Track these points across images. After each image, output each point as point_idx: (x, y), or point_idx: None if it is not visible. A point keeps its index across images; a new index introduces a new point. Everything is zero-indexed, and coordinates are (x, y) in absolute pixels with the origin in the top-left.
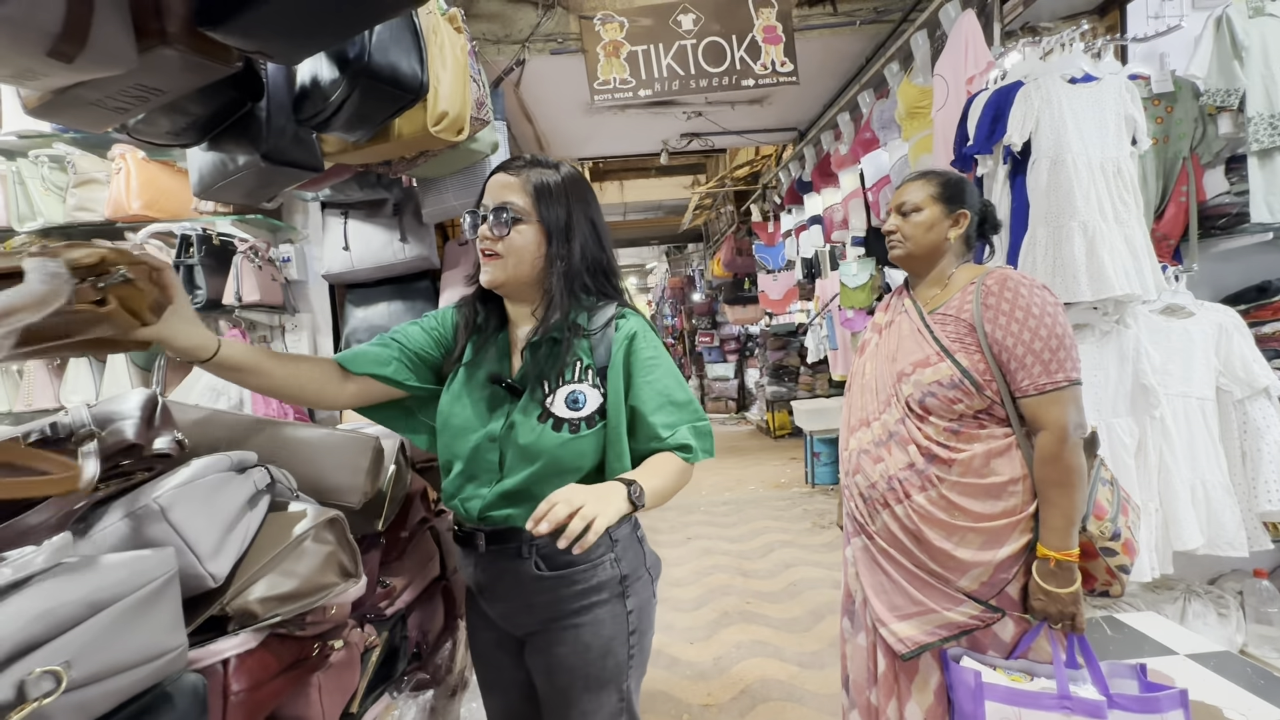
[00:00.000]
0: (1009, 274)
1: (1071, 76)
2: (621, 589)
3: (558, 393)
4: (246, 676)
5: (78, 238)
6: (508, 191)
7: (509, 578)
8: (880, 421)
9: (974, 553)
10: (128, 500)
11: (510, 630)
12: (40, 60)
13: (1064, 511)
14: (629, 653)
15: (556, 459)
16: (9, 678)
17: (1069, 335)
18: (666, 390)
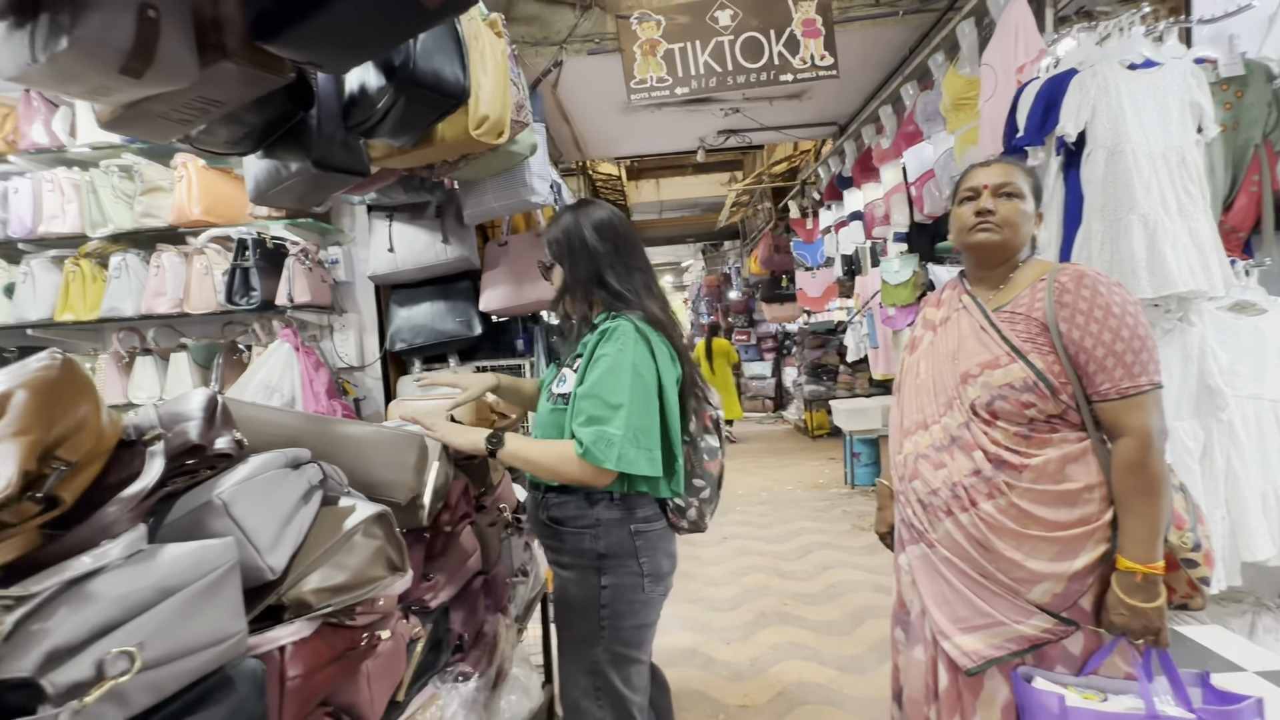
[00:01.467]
0: (1084, 270)
1: (1131, 62)
2: (598, 564)
3: (561, 374)
4: (301, 663)
5: (144, 242)
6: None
7: (534, 517)
8: (940, 425)
9: (1047, 564)
10: (192, 496)
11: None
12: (113, 77)
13: (1149, 522)
14: (599, 623)
15: (545, 424)
16: (89, 657)
17: (1150, 336)
18: (603, 387)
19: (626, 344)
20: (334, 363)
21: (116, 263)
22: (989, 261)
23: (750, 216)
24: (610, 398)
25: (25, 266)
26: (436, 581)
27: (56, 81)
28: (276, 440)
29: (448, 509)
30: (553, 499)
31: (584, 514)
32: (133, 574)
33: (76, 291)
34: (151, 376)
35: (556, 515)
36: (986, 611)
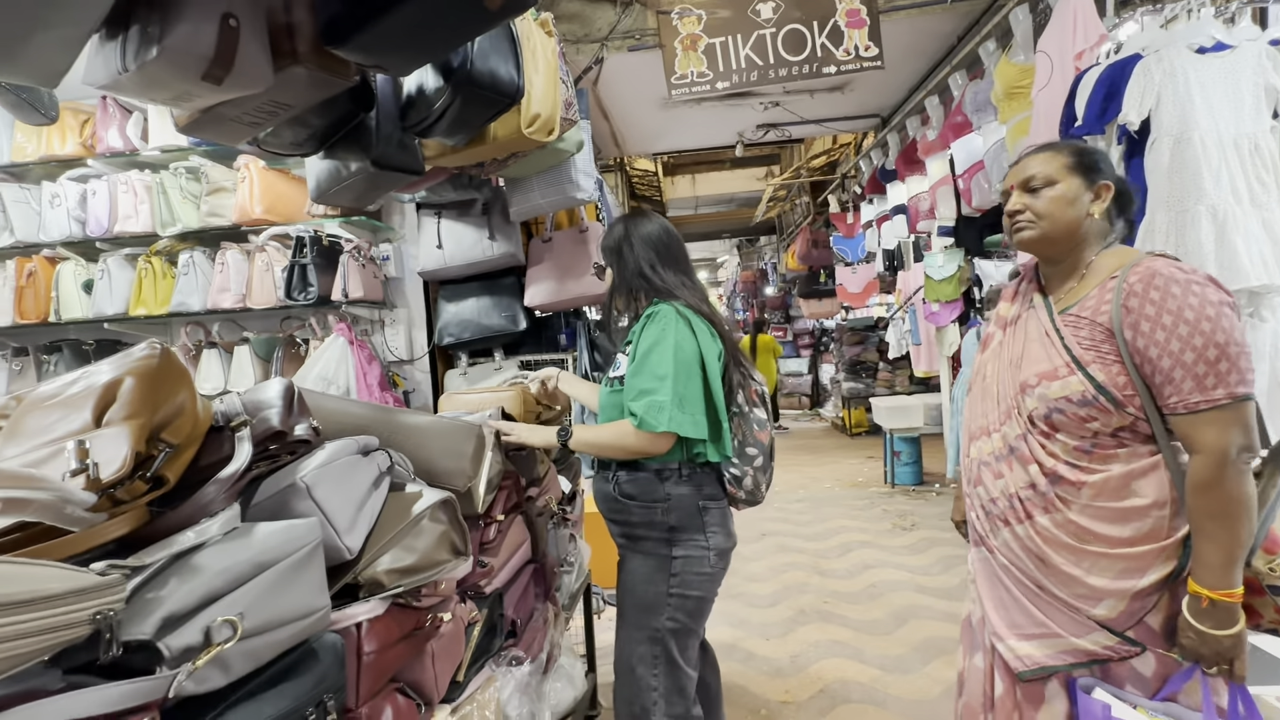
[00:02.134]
0: (1157, 268)
1: (1200, 46)
2: (669, 536)
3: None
4: (376, 639)
5: (210, 240)
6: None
7: (600, 494)
8: (1000, 434)
9: (1109, 581)
10: (276, 478)
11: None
12: (195, 83)
13: (1222, 546)
14: (668, 590)
15: (605, 406)
16: (198, 623)
17: (1234, 342)
18: (653, 363)
19: (668, 324)
20: (384, 356)
21: (184, 260)
22: (1046, 257)
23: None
24: (656, 370)
25: (102, 265)
26: (490, 568)
27: (143, 89)
28: (345, 428)
29: (500, 499)
30: (624, 476)
31: (655, 489)
32: (232, 549)
33: (148, 288)
34: (216, 369)
35: (629, 491)
36: (1043, 621)
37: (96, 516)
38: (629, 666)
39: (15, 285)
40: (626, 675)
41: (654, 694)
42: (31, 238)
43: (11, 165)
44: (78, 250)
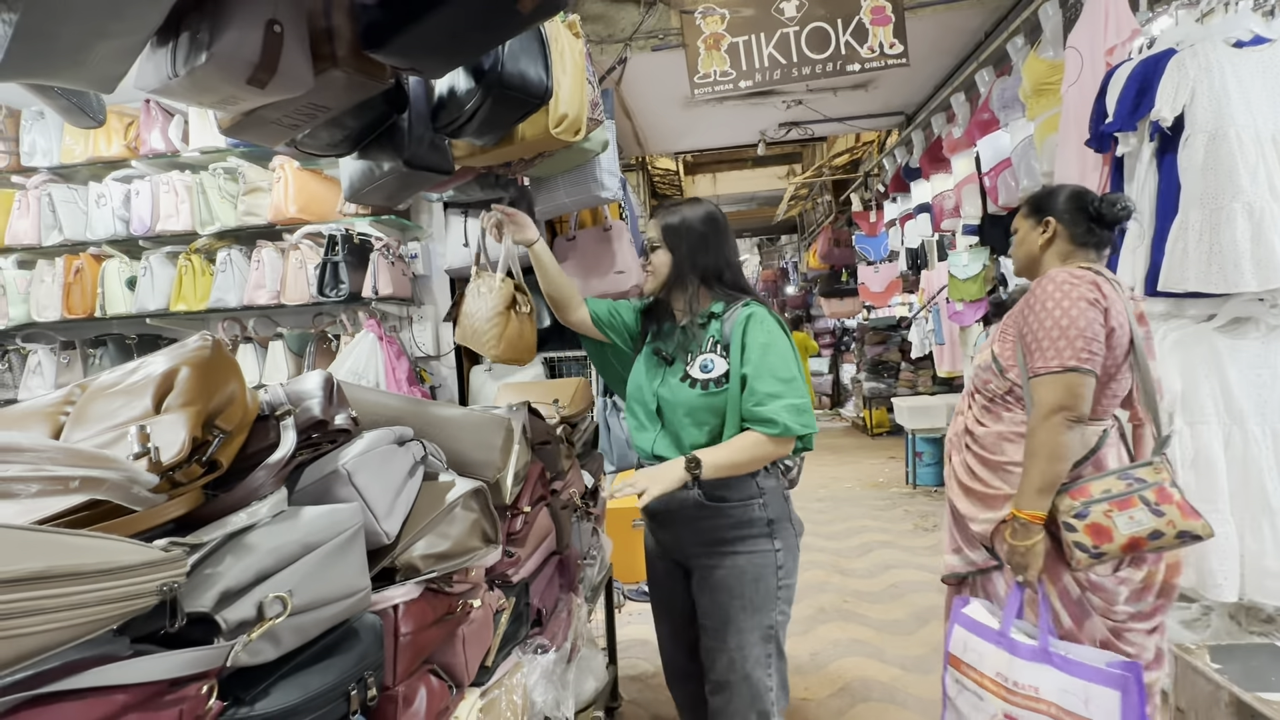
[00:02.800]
0: (1053, 274)
1: (1237, 40)
2: (769, 529)
3: (696, 360)
4: (411, 621)
5: (246, 239)
6: (649, 230)
7: (675, 504)
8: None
9: (980, 510)
10: (318, 465)
11: (679, 559)
12: (241, 87)
13: (1032, 479)
14: (777, 584)
15: (695, 409)
16: (252, 599)
17: (1075, 327)
18: (776, 366)
19: (773, 327)
20: (412, 352)
21: (222, 258)
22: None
23: (809, 210)
24: (782, 374)
25: (145, 262)
26: (517, 557)
27: (192, 93)
28: (380, 420)
29: (526, 491)
30: (713, 480)
31: (748, 485)
32: (281, 530)
33: (188, 284)
34: (252, 363)
35: (720, 493)
36: (957, 538)
37: (157, 497)
38: (744, 674)
39: (64, 282)
40: (742, 684)
41: (771, 694)
42: (79, 236)
43: (61, 166)
44: (122, 248)
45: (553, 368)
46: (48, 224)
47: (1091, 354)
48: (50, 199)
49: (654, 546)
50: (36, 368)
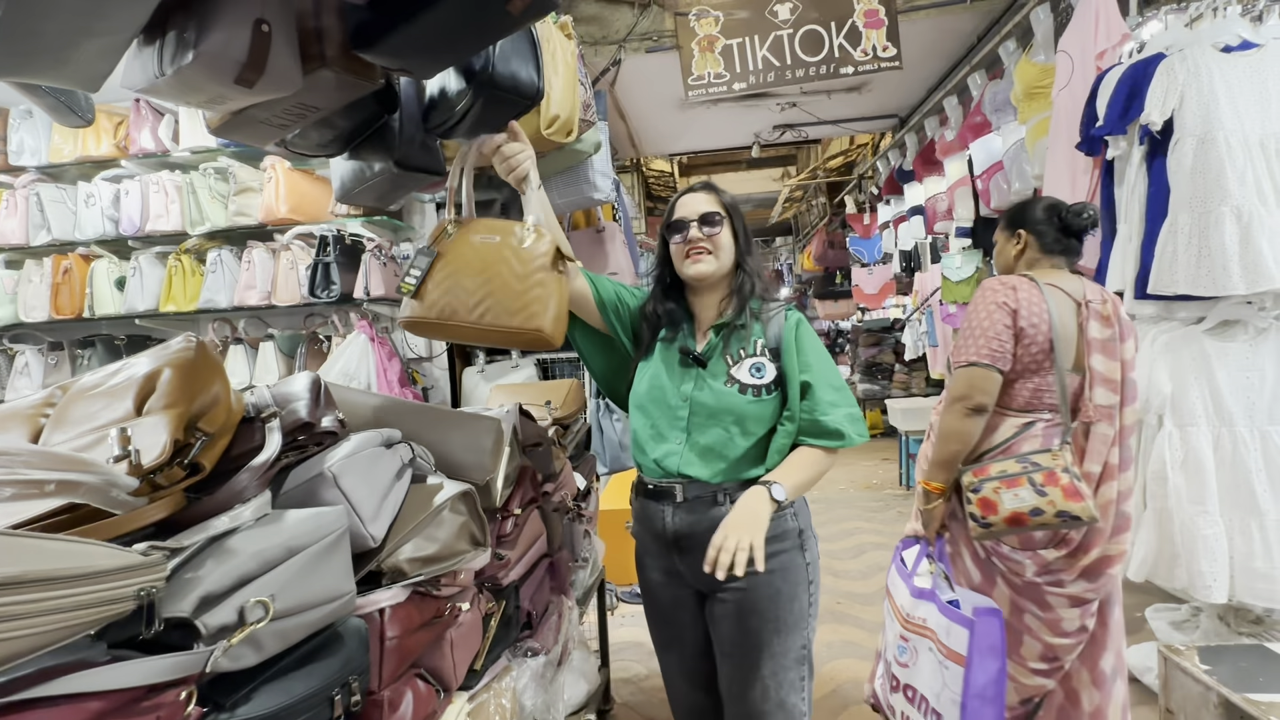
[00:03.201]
0: (988, 280)
1: (1225, 45)
2: (800, 541)
3: (743, 363)
4: (398, 625)
5: (237, 239)
6: (706, 204)
7: (707, 524)
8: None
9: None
10: (304, 468)
11: (697, 585)
12: (229, 87)
13: (936, 453)
14: (809, 600)
15: (746, 417)
16: (233, 603)
17: (982, 328)
18: (831, 374)
19: (814, 332)
20: (404, 353)
21: (212, 258)
22: None
23: (803, 212)
24: (835, 381)
25: (134, 262)
26: (507, 560)
27: (179, 93)
28: (369, 422)
29: (517, 493)
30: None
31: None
32: (264, 534)
33: (178, 285)
34: (242, 364)
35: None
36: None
37: (138, 500)
38: (779, 701)
39: (52, 282)
40: (777, 712)
41: (805, 717)
42: (67, 236)
43: (49, 166)
44: (111, 248)
45: (545, 369)
46: (36, 224)
47: (993, 351)
48: (38, 198)
49: (660, 576)
50: (24, 369)
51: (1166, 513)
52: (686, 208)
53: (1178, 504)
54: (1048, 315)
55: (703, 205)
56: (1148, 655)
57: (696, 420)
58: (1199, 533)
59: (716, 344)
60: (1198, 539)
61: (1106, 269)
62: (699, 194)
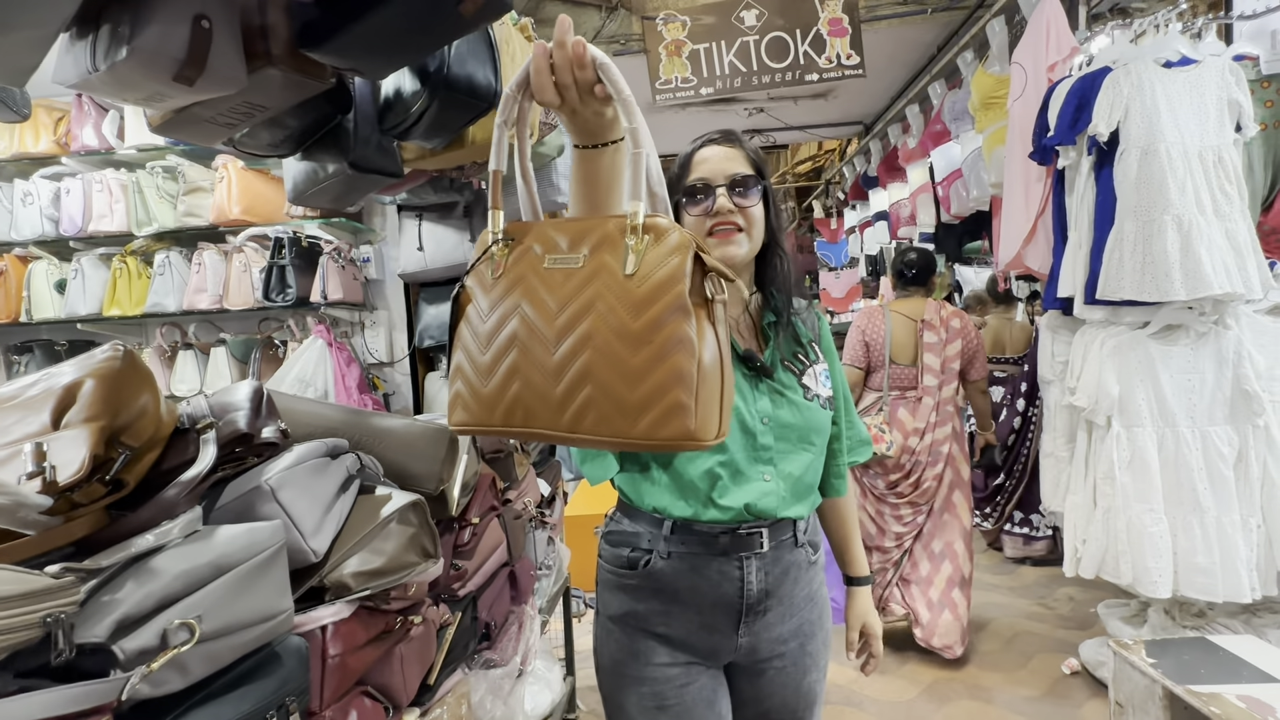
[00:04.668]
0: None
1: (1166, 60)
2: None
3: (813, 370)
4: (341, 642)
5: (187, 241)
6: (734, 163)
7: (791, 575)
8: None
9: None
10: (241, 481)
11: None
12: (167, 84)
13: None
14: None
15: (814, 429)
16: (154, 626)
17: (851, 342)
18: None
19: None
20: (365, 359)
21: (160, 260)
22: None
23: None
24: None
25: (76, 264)
26: (464, 571)
27: (114, 89)
28: (316, 431)
29: (475, 502)
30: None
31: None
32: (191, 552)
33: (123, 288)
34: (192, 370)
35: (814, 539)
36: None
37: (53, 520)
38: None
39: None
40: None
41: None
42: (3, 236)
43: None
44: (50, 249)
45: None
46: None
47: (855, 355)
48: None
49: (687, 658)
50: None
51: (1115, 511)
52: (709, 166)
53: (1125, 503)
54: (883, 334)
55: (733, 164)
56: (1099, 650)
57: (782, 447)
58: (1145, 530)
59: (781, 346)
60: (1144, 536)
61: (1058, 276)
62: (725, 147)
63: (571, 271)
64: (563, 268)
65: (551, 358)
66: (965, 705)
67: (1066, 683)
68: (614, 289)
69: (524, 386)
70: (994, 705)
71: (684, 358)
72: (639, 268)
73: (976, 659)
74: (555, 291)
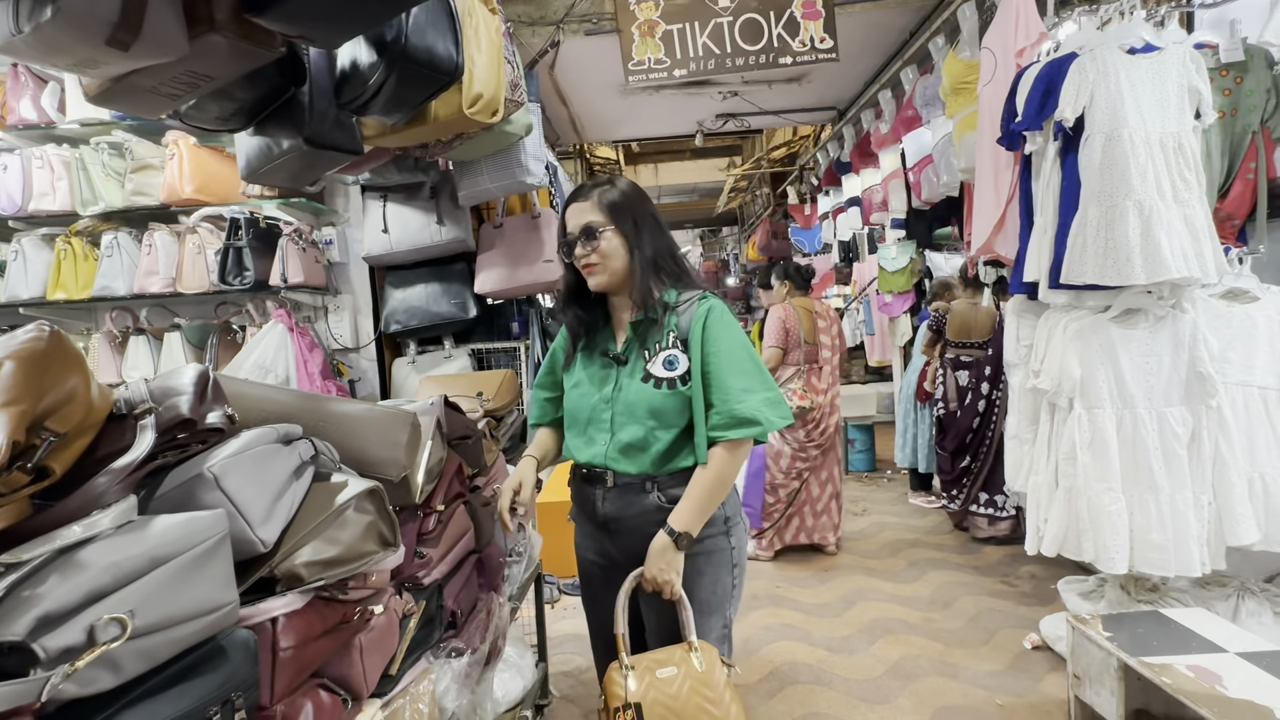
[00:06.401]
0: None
1: (1131, 47)
2: (726, 527)
3: (657, 357)
4: (293, 634)
5: (136, 220)
6: (587, 213)
7: (635, 509)
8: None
9: None
10: (183, 469)
11: (627, 566)
12: (100, 49)
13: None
14: (732, 583)
15: (661, 410)
16: (80, 622)
17: (773, 329)
18: (742, 361)
19: (731, 319)
20: (329, 344)
21: (108, 241)
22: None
23: (749, 202)
24: (748, 368)
25: (16, 245)
26: (429, 559)
27: (42, 53)
28: (269, 417)
29: (441, 488)
30: (668, 481)
31: None
32: (123, 543)
33: (68, 270)
34: (145, 356)
35: (673, 492)
36: None
37: None
38: None
39: None
40: None
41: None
42: None
43: None
44: None
45: (480, 359)
46: None
47: (778, 339)
48: None
49: (594, 555)
50: None
51: (1075, 491)
52: (570, 221)
53: (1085, 482)
54: (797, 321)
55: (584, 215)
56: (1058, 625)
57: (619, 420)
58: (1104, 509)
59: (633, 341)
60: (1103, 514)
61: (1024, 260)
62: (581, 202)
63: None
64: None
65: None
66: (931, 681)
67: (1028, 657)
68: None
69: None
70: (958, 680)
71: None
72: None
73: (942, 636)
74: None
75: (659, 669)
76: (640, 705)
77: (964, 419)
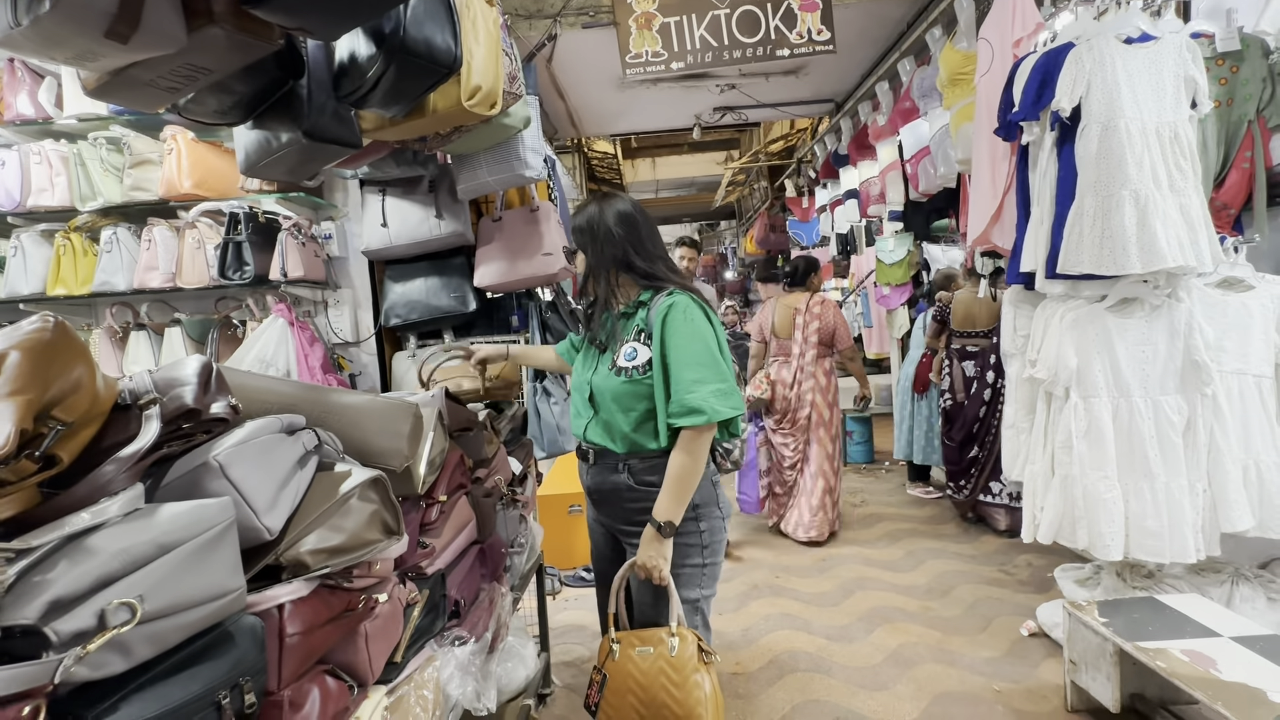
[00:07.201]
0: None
1: (1127, 36)
2: (694, 514)
3: (621, 349)
4: (299, 621)
5: (135, 216)
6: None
7: (609, 485)
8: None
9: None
10: (189, 458)
11: (611, 529)
12: (98, 42)
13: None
14: (702, 562)
15: (621, 396)
16: (91, 607)
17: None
18: (696, 353)
19: (693, 314)
20: (329, 338)
21: (107, 237)
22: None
23: (746, 196)
24: (702, 358)
25: (15, 241)
26: (432, 549)
27: (40, 46)
28: (272, 408)
29: (443, 479)
30: (638, 464)
31: None
32: (131, 530)
33: (68, 266)
34: (146, 351)
35: (649, 478)
36: None
37: None
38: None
39: None
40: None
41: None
42: None
43: None
44: None
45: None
46: None
47: (754, 333)
48: None
49: (592, 518)
50: None
51: (1071, 479)
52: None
53: (1081, 471)
54: (772, 319)
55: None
56: (1055, 612)
57: (598, 401)
58: (1099, 497)
59: (609, 333)
60: (1098, 502)
61: (1021, 250)
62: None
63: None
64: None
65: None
66: (930, 668)
67: (1025, 644)
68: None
69: None
70: (956, 667)
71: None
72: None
73: (940, 624)
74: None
75: (639, 646)
76: (607, 674)
77: (970, 409)
